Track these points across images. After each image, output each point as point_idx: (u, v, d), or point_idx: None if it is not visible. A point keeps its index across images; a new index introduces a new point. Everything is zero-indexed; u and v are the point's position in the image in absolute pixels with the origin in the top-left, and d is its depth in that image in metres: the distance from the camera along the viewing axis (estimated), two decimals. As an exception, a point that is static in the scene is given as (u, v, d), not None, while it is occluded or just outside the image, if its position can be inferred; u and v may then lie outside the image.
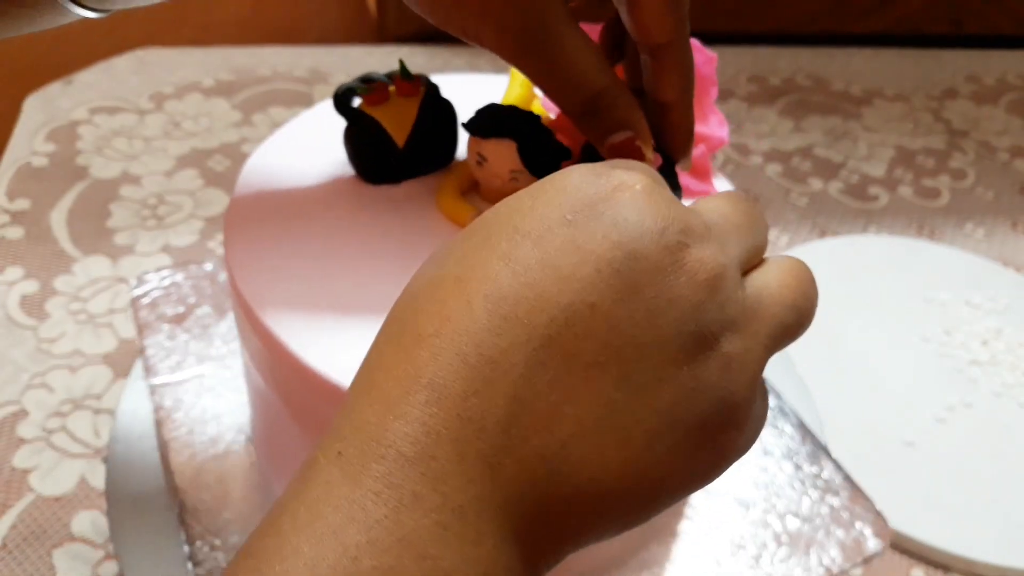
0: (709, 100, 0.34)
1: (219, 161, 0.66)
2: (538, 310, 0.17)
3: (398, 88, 0.32)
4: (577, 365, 0.17)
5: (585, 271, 0.17)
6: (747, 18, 0.88)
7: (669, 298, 0.18)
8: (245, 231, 0.32)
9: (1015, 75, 0.87)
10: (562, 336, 0.17)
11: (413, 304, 0.19)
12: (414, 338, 0.18)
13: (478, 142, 0.30)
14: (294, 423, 0.31)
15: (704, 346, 0.18)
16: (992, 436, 0.50)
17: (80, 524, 0.42)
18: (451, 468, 0.17)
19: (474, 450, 0.17)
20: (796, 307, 0.20)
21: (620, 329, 0.17)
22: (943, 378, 0.53)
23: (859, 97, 0.82)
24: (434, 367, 0.17)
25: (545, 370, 0.17)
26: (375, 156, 0.33)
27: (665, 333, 0.18)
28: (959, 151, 0.76)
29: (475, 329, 0.17)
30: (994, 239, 0.66)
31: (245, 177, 0.34)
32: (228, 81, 0.75)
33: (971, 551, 0.44)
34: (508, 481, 0.17)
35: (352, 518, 0.16)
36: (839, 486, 0.37)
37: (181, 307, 0.43)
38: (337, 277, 0.30)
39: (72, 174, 0.64)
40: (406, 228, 0.32)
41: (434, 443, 0.17)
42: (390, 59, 0.79)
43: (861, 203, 0.69)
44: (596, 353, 0.17)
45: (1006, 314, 0.57)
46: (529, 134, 0.29)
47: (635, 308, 0.17)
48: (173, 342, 0.42)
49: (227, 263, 0.31)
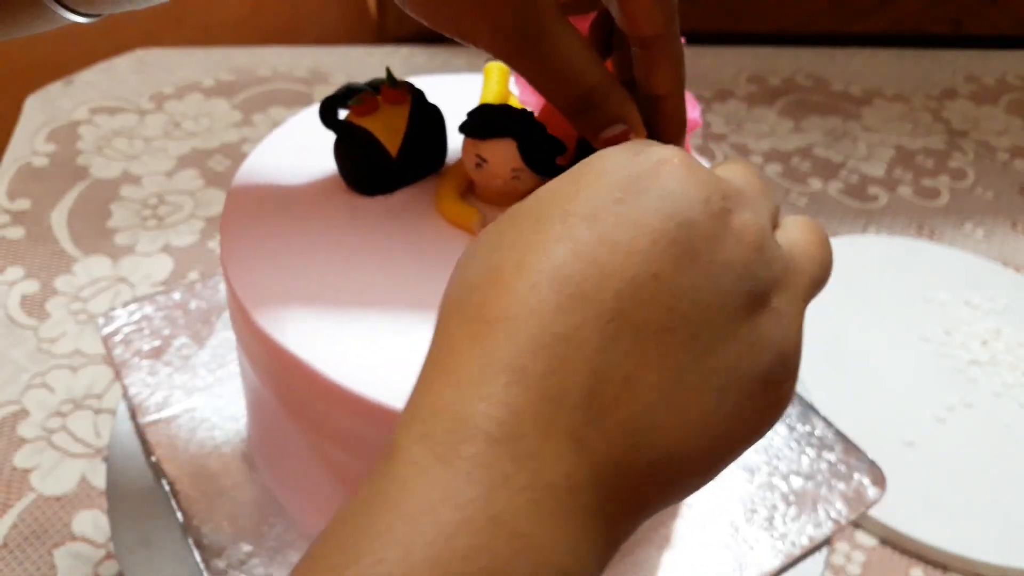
0: None
1: (219, 161, 0.66)
2: (604, 285, 0.18)
3: (385, 96, 0.32)
4: (647, 333, 0.18)
5: (643, 243, 0.18)
6: (747, 18, 0.88)
7: (723, 261, 0.19)
8: (241, 230, 0.32)
9: (1015, 75, 0.87)
10: (631, 307, 0.18)
11: (474, 291, 0.19)
12: (485, 323, 0.18)
13: (476, 144, 0.30)
14: (291, 422, 0.31)
15: (758, 303, 0.19)
16: (992, 436, 0.50)
17: (81, 524, 0.42)
18: (538, 447, 0.17)
19: (559, 427, 0.17)
20: (822, 262, 0.21)
21: (683, 294, 0.18)
22: (943, 378, 0.53)
23: (859, 97, 0.82)
24: (511, 349, 0.18)
25: (618, 342, 0.18)
26: (369, 167, 0.32)
27: (724, 294, 0.19)
28: (959, 151, 0.76)
29: (545, 310, 0.18)
30: (994, 239, 0.66)
31: (241, 177, 0.34)
32: (228, 81, 0.75)
33: (970, 551, 0.44)
34: (593, 455, 0.18)
35: (446, 498, 0.17)
36: (832, 441, 0.38)
37: (157, 340, 0.41)
38: (334, 275, 0.30)
39: (72, 174, 0.64)
40: (405, 227, 0.32)
41: (520, 423, 0.17)
42: (390, 59, 0.79)
43: (861, 203, 0.69)
44: (664, 320, 0.18)
45: (1006, 314, 0.57)
46: (527, 132, 0.29)
47: (695, 273, 0.18)
48: (155, 378, 0.40)
49: (223, 262, 0.31)
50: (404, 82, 0.33)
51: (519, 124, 0.29)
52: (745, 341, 0.19)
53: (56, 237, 0.58)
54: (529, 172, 0.30)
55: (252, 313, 0.28)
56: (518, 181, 0.30)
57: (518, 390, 0.17)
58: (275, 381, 0.30)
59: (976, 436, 0.49)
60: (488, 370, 0.18)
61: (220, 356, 0.42)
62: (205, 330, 0.43)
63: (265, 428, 0.35)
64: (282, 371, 0.29)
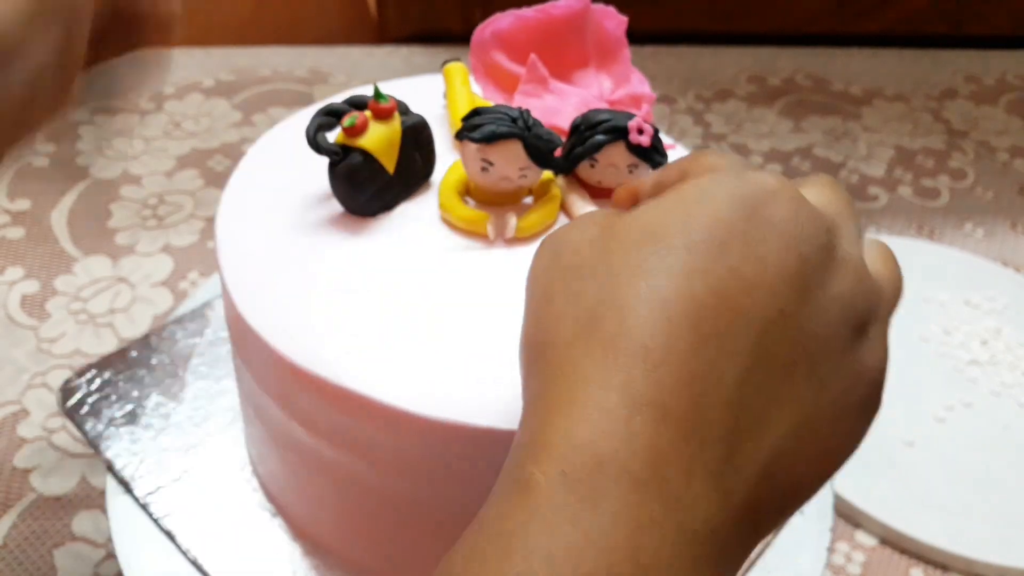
0: (627, 60, 0.35)
1: (219, 161, 0.66)
2: (738, 322, 0.18)
3: (375, 113, 0.30)
4: (775, 369, 0.18)
5: (770, 278, 0.18)
6: (747, 18, 0.88)
7: (833, 294, 0.19)
8: (237, 231, 0.32)
9: (1014, 75, 0.87)
10: (762, 343, 0.18)
11: (599, 320, 0.19)
12: (619, 355, 0.18)
13: (483, 148, 0.29)
14: (293, 422, 0.31)
15: (859, 333, 0.20)
16: (991, 436, 0.50)
17: (81, 524, 0.42)
18: (682, 489, 0.17)
19: (700, 466, 0.17)
20: (898, 285, 0.22)
21: (805, 329, 0.19)
22: (942, 378, 0.53)
23: (859, 97, 0.82)
24: (651, 385, 0.17)
25: (751, 377, 0.18)
26: (369, 189, 0.31)
27: (836, 326, 0.19)
28: (959, 151, 0.76)
29: (684, 346, 0.18)
30: (993, 239, 0.66)
31: (237, 177, 0.34)
32: (228, 81, 0.75)
33: (970, 550, 0.44)
34: (731, 495, 0.18)
35: (589, 542, 0.16)
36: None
37: (129, 404, 0.39)
38: (332, 279, 0.30)
39: (73, 174, 0.64)
40: (409, 238, 0.31)
41: (665, 463, 0.17)
42: (390, 59, 0.79)
43: (861, 203, 0.69)
44: (789, 355, 0.18)
45: (1005, 314, 0.57)
46: (530, 130, 0.29)
47: (813, 308, 0.19)
48: (137, 445, 0.37)
49: (219, 263, 0.31)
50: (380, 95, 0.31)
51: (520, 124, 0.29)
52: (851, 371, 0.19)
53: (56, 237, 0.58)
54: (535, 169, 0.30)
55: (248, 320, 0.28)
56: (526, 179, 0.30)
57: (663, 428, 0.17)
58: (275, 389, 0.30)
59: (975, 436, 0.49)
60: (633, 406, 0.17)
61: (202, 408, 0.39)
62: (176, 385, 0.40)
63: (265, 438, 0.35)
64: (282, 378, 0.29)
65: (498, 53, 0.34)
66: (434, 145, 0.33)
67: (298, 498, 0.35)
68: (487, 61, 0.34)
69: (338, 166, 0.30)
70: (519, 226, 0.31)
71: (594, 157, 0.31)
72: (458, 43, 0.92)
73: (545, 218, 0.32)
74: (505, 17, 0.34)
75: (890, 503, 0.45)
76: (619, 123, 0.30)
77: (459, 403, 0.26)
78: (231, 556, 0.34)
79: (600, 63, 0.36)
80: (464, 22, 0.84)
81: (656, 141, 0.31)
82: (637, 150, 0.30)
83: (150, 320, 0.52)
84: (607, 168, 0.31)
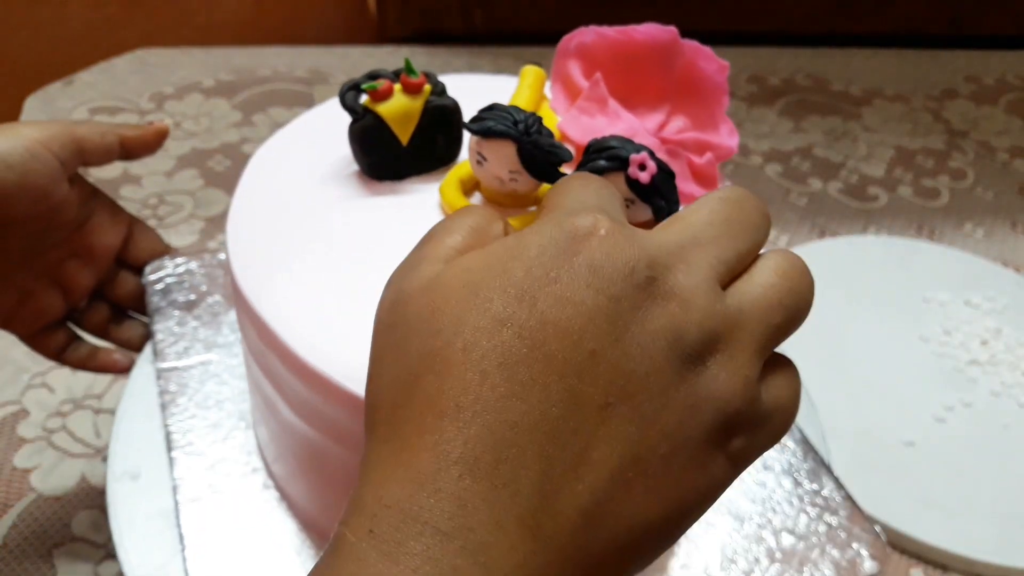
0: (720, 108, 0.34)
1: (219, 161, 0.66)
2: (550, 368, 0.18)
3: (404, 85, 0.32)
4: (590, 410, 0.18)
5: (580, 323, 0.18)
6: (747, 18, 0.88)
7: (652, 330, 0.19)
8: (247, 226, 0.32)
9: (1014, 75, 0.87)
10: (574, 386, 0.18)
11: (418, 381, 0.19)
12: (435, 416, 0.18)
13: (479, 142, 0.30)
14: (293, 415, 0.31)
15: (692, 364, 0.19)
16: (991, 436, 0.50)
17: (80, 524, 0.42)
18: (490, 538, 0.17)
19: (511, 515, 0.17)
20: (783, 305, 0.21)
21: (621, 367, 0.18)
22: (942, 378, 0.53)
23: (859, 97, 0.82)
24: (463, 441, 0.18)
25: (565, 422, 0.18)
26: (379, 152, 0.33)
27: (657, 362, 0.19)
28: (958, 151, 0.76)
29: (495, 397, 0.18)
30: (993, 239, 0.66)
31: (249, 173, 0.35)
32: (228, 81, 0.76)
33: (970, 550, 0.44)
34: (548, 540, 0.18)
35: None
36: (838, 505, 0.36)
37: (193, 295, 0.43)
38: (336, 271, 0.30)
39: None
40: (406, 225, 0.32)
41: (470, 515, 0.17)
42: (390, 59, 0.79)
43: (861, 203, 0.69)
44: (604, 395, 0.18)
45: (1005, 314, 0.57)
46: (529, 135, 0.29)
47: (628, 346, 0.19)
48: (183, 328, 0.42)
49: (228, 256, 0.31)
50: (426, 73, 0.33)
51: (520, 127, 0.29)
52: (683, 404, 0.19)
53: (56, 237, 0.58)
54: (527, 175, 0.30)
55: (255, 307, 0.29)
56: (516, 183, 0.30)
57: (469, 482, 0.17)
58: (273, 375, 0.30)
59: (975, 436, 0.49)
60: (442, 463, 0.18)
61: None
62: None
63: (267, 417, 0.35)
64: (281, 365, 0.29)
65: (574, 65, 0.34)
66: (462, 132, 0.33)
67: (307, 489, 0.35)
68: (563, 71, 0.34)
69: (353, 124, 0.32)
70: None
71: None
72: (458, 43, 0.92)
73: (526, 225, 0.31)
74: (589, 31, 0.34)
75: (890, 503, 0.45)
76: (622, 153, 0.28)
77: None
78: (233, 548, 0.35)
79: (682, 102, 0.35)
80: (464, 22, 0.84)
81: (662, 183, 0.28)
82: (635, 186, 0.28)
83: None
84: None
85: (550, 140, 0.29)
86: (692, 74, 0.34)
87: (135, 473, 0.38)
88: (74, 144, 0.37)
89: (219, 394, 0.39)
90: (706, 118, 0.34)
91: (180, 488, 0.36)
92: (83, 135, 0.37)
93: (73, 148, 0.37)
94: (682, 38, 0.33)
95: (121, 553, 0.35)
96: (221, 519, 0.35)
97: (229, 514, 0.35)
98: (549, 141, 0.29)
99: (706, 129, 0.34)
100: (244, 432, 0.38)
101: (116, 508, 0.37)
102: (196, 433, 0.38)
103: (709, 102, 0.34)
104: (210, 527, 0.35)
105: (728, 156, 0.34)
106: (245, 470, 0.37)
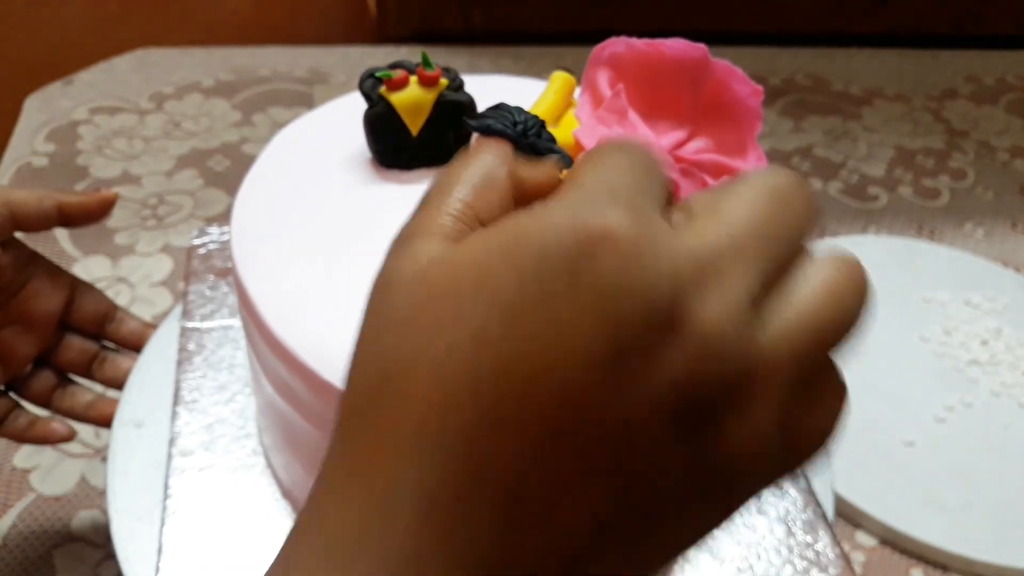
0: (751, 134, 0.33)
1: (219, 161, 0.66)
2: (525, 404, 0.15)
3: (419, 78, 0.33)
4: (569, 458, 0.15)
5: (572, 362, 0.15)
6: (747, 18, 0.88)
7: (661, 381, 0.15)
8: (251, 204, 0.33)
9: (1014, 75, 0.87)
10: (554, 429, 0.15)
11: (382, 394, 0.17)
12: (395, 433, 0.16)
13: (478, 139, 0.30)
14: (272, 389, 0.31)
15: (704, 424, 0.16)
16: (991, 436, 0.50)
17: (80, 524, 0.42)
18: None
19: (471, 557, 0.16)
20: (826, 335, 0.17)
21: (613, 426, 0.15)
22: (942, 378, 0.53)
23: (859, 97, 0.82)
24: (416, 474, 0.16)
25: (537, 468, 0.15)
26: (389, 140, 0.34)
27: (660, 422, 0.15)
28: (959, 151, 0.76)
29: (459, 435, 0.16)
30: (994, 239, 0.66)
31: (253, 173, 0.35)
32: (228, 81, 0.76)
33: (970, 550, 0.44)
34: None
35: None
36: (830, 562, 0.34)
37: (229, 263, 0.44)
38: (322, 252, 0.31)
39: (72, 174, 0.64)
40: (399, 214, 0.32)
41: (422, 560, 0.15)
42: (390, 59, 0.78)
43: (861, 203, 0.69)
44: (587, 444, 0.15)
45: (1005, 314, 0.57)
46: (526, 137, 0.29)
47: (627, 398, 0.15)
48: (214, 292, 0.44)
49: (231, 228, 0.32)
50: (446, 68, 0.34)
51: (518, 128, 0.29)
52: (682, 463, 0.16)
53: (56, 237, 0.58)
54: None
55: (253, 298, 0.29)
56: None
57: (422, 523, 0.15)
58: (272, 375, 0.31)
59: (976, 436, 0.49)
60: (391, 493, 0.16)
61: None
62: None
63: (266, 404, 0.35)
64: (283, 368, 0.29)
65: (603, 74, 0.34)
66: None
67: (284, 461, 0.35)
68: (592, 79, 0.34)
69: (368, 111, 0.33)
70: None
71: None
72: (457, 43, 0.92)
73: None
74: (620, 41, 0.34)
75: (890, 503, 0.45)
76: None
77: None
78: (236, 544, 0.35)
79: (709, 123, 0.34)
80: (463, 22, 0.84)
81: None
82: None
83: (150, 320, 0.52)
84: None
85: (550, 144, 0.29)
86: (723, 96, 0.33)
87: (140, 422, 0.40)
88: (6, 209, 0.36)
89: (233, 358, 0.40)
90: (733, 142, 0.34)
91: (176, 441, 0.37)
92: (17, 201, 0.36)
93: (5, 214, 0.36)
94: (679, 37, 0.33)
95: (110, 495, 0.37)
96: (207, 476, 0.36)
97: (216, 473, 0.36)
98: (548, 145, 0.29)
99: (732, 153, 0.33)
100: (247, 398, 0.39)
101: (115, 452, 0.38)
102: (202, 392, 0.39)
103: (739, 126, 0.33)
104: (195, 481, 0.36)
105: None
106: (239, 434, 0.38)
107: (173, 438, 0.37)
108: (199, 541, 0.34)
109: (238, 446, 0.38)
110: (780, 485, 0.20)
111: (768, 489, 0.18)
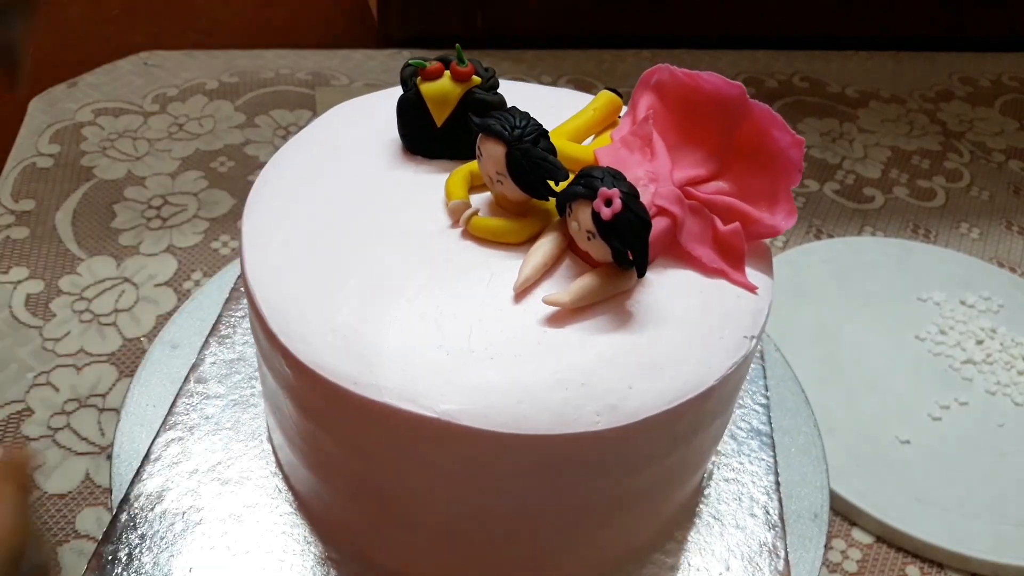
0: (786, 185, 0.32)
1: (222, 162, 0.67)
2: None
3: (452, 72, 0.34)
4: None
5: None
6: (744, 21, 0.89)
7: None
8: (264, 199, 0.34)
9: (1009, 77, 0.88)
10: None
11: None
12: None
13: (481, 138, 0.30)
14: (289, 403, 0.32)
15: None
16: (986, 434, 0.50)
17: (85, 521, 0.43)
18: None
19: None
20: None
21: None
22: (938, 377, 0.53)
23: (855, 99, 0.82)
24: None
25: None
26: (414, 126, 0.35)
27: None
28: (954, 152, 0.77)
29: None
30: (989, 239, 0.67)
31: (265, 174, 0.36)
32: (232, 83, 0.76)
33: (965, 548, 0.44)
34: None
35: None
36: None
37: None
38: (342, 265, 0.31)
39: (77, 175, 0.65)
40: (406, 203, 0.33)
41: None
42: (391, 62, 0.79)
43: (857, 204, 0.70)
44: None
45: (1000, 313, 0.58)
46: (521, 142, 0.29)
47: None
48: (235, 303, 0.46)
49: (241, 250, 0.32)
50: (487, 68, 0.35)
51: (515, 132, 0.29)
52: None
53: (60, 237, 0.59)
54: (510, 182, 0.30)
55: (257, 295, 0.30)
56: (501, 186, 0.31)
57: None
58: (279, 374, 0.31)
59: (971, 434, 0.50)
60: None
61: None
62: None
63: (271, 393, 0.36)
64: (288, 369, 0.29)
65: (646, 99, 0.34)
66: None
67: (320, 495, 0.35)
68: (636, 102, 0.34)
69: (401, 97, 0.35)
70: (473, 223, 0.31)
71: (569, 206, 0.29)
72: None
73: (502, 230, 0.31)
74: (665, 69, 0.33)
75: (886, 501, 0.46)
76: (595, 184, 0.28)
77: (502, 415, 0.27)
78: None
79: (740, 166, 0.33)
80: (465, 25, 0.84)
81: (626, 226, 0.27)
82: (596, 219, 0.27)
83: (153, 320, 0.53)
84: (573, 223, 0.29)
85: (544, 154, 0.29)
86: (760, 142, 0.32)
87: (176, 343, 0.43)
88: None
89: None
90: (763, 190, 0.32)
91: (197, 367, 0.40)
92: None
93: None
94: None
95: (128, 399, 0.41)
96: (211, 404, 0.39)
97: (220, 404, 0.39)
98: (542, 154, 0.29)
99: (758, 202, 0.32)
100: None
101: (145, 365, 0.42)
102: (237, 329, 0.42)
103: (774, 176, 0.32)
104: (199, 406, 0.38)
105: (769, 235, 0.32)
106: (256, 374, 0.40)
107: (196, 363, 0.40)
108: (182, 459, 0.37)
109: (248, 385, 0.40)
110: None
111: None
